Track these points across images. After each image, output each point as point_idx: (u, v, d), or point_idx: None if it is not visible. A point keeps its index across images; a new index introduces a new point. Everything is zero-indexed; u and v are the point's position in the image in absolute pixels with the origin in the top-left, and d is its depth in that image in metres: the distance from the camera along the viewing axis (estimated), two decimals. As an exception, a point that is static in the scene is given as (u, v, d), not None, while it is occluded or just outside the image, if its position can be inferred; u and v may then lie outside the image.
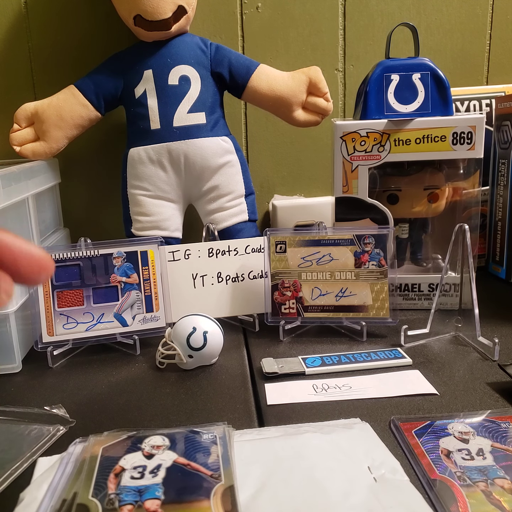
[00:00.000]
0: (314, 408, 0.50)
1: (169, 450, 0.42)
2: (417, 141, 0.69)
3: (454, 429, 0.44)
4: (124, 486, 0.38)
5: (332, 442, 0.43)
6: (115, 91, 0.80)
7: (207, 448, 0.42)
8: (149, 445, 0.42)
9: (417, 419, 0.46)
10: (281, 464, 0.40)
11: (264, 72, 0.80)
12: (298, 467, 0.40)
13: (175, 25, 0.76)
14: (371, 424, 0.46)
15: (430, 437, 0.43)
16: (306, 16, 0.91)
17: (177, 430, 0.45)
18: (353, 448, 0.42)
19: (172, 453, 0.41)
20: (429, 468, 0.39)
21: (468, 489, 0.37)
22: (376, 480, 0.38)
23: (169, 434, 0.44)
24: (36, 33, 0.88)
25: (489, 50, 0.95)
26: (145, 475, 0.39)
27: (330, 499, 0.36)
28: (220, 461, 0.40)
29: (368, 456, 0.41)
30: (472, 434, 0.43)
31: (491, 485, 0.37)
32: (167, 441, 0.43)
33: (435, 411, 0.48)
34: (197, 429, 0.44)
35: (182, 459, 0.41)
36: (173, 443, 0.43)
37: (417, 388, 0.53)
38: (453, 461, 0.40)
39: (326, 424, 0.46)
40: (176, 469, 0.39)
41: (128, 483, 0.38)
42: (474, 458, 0.40)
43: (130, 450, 0.42)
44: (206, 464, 0.40)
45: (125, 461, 0.41)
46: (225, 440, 0.43)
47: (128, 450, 0.42)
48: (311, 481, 0.38)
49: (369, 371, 0.57)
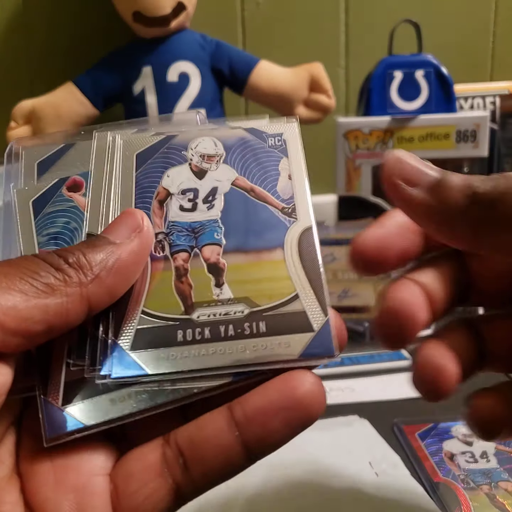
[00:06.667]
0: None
1: (224, 164, 0.27)
2: (421, 139, 0.69)
3: (458, 431, 0.44)
4: (173, 221, 0.25)
5: (333, 438, 0.43)
6: (114, 88, 0.79)
7: (275, 163, 0.27)
8: (198, 153, 0.27)
9: (420, 421, 0.46)
10: (283, 460, 0.40)
11: (265, 68, 0.79)
12: (300, 464, 0.40)
13: (174, 21, 0.76)
14: (374, 426, 0.46)
15: (433, 439, 0.43)
16: (308, 12, 0.91)
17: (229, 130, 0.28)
18: (354, 444, 0.42)
19: (230, 169, 0.27)
20: (432, 471, 0.39)
21: (472, 492, 0.37)
22: (378, 475, 0.38)
23: (222, 137, 0.28)
24: (33, 30, 0.88)
25: (493, 47, 0.94)
26: (198, 206, 0.26)
27: (333, 494, 0.36)
28: (292, 186, 0.27)
29: (369, 452, 0.41)
30: (476, 437, 0.43)
31: (495, 488, 0.37)
32: (220, 148, 0.28)
33: (438, 414, 0.48)
34: (260, 128, 0.29)
35: (243, 181, 0.27)
36: (229, 152, 0.28)
37: (420, 389, 0.52)
38: (457, 464, 0.40)
39: (325, 421, 0.46)
40: (237, 198, 0.26)
41: (178, 217, 0.26)
42: (477, 461, 0.40)
43: (172, 160, 0.28)
44: (275, 192, 0.27)
45: (170, 180, 0.27)
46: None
47: (171, 161, 0.27)
48: (314, 478, 0.38)
49: (372, 373, 0.56)
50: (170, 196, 0.26)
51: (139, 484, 0.21)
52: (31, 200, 0.25)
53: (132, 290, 0.23)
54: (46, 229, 0.25)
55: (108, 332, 0.22)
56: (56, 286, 0.20)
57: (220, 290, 0.23)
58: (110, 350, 0.22)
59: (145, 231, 0.23)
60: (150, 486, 0.21)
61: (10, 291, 0.19)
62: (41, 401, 0.22)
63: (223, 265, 0.24)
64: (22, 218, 0.25)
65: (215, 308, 0.23)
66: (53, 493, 0.21)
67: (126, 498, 0.21)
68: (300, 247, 0.24)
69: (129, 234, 0.22)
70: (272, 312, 0.23)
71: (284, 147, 0.27)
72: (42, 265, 0.20)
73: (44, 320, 0.20)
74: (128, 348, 0.22)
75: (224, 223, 0.25)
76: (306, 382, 0.21)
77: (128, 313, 0.23)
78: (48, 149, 0.27)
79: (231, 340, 0.22)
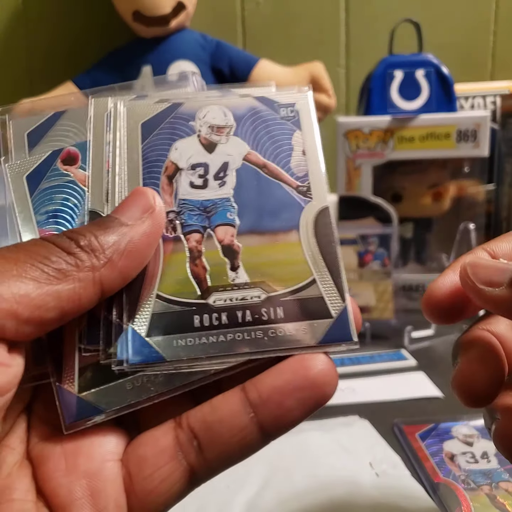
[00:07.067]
0: (317, 411, 0.49)
1: (235, 137, 0.25)
2: (421, 139, 0.68)
3: (458, 432, 0.44)
4: (184, 199, 0.24)
5: (333, 439, 0.43)
6: (113, 87, 0.79)
7: (288, 136, 0.25)
8: (206, 124, 0.25)
9: (420, 422, 0.46)
10: (283, 461, 0.40)
11: (265, 67, 0.80)
12: (300, 464, 0.40)
13: (174, 21, 0.76)
14: (375, 426, 0.45)
15: (433, 440, 0.43)
16: (308, 12, 0.91)
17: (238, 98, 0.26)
18: (354, 445, 0.42)
19: (241, 142, 0.25)
20: (432, 472, 0.39)
21: (472, 492, 0.37)
22: (378, 475, 0.38)
23: (231, 106, 0.26)
24: (33, 29, 0.88)
25: (494, 46, 0.94)
26: (209, 182, 0.24)
27: (334, 495, 0.36)
28: (306, 163, 0.25)
29: (369, 452, 0.41)
30: (476, 437, 0.43)
31: (495, 489, 0.37)
32: (230, 119, 0.25)
33: (439, 414, 0.48)
34: (271, 97, 0.27)
35: (256, 156, 0.25)
36: (239, 122, 0.25)
37: (421, 390, 0.52)
38: (457, 464, 0.40)
39: (325, 422, 0.46)
40: (249, 174, 0.25)
41: (189, 195, 0.24)
42: (478, 461, 0.40)
43: (180, 131, 0.25)
44: (289, 169, 0.25)
45: (178, 153, 0.25)
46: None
47: (178, 132, 0.25)
48: (314, 478, 0.38)
49: (372, 373, 0.56)
50: (179, 171, 0.24)
51: (153, 468, 0.21)
52: (24, 175, 0.24)
53: (145, 272, 0.22)
54: (44, 207, 0.23)
55: (123, 316, 0.21)
56: (68, 271, 0.19)
57: (235, 273, 0.23)
58: (125, 335, 0.21)
59: (157, 211, 0.22)
60: (164, 469, 0.21)
61: (21, 278, 0.19)
62: (56, 388, 0.21)
63: (237, 247, 0.23)
64: (17, 196, 0.24)
65: (231, 293, 0.22)
66: (65, 479, 0.21)
67: (140, 483, 0.21)
68: (317, 229, 0.23)
69: (141, 215, 0.21)
70: (289, 298, 0.22)
71: (297, 118, 0.25)
72: (52, 249, 0.20)
73: (57, 307, 0.19)
74: (144, 333, 0.21)
75: (237, 202, 0.24)
76: (319, 363, 0.21)
77: (142, 297, 0.22)
78: (38, 118, 0.25)
79: (249, 326, 0.22)
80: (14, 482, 0.21)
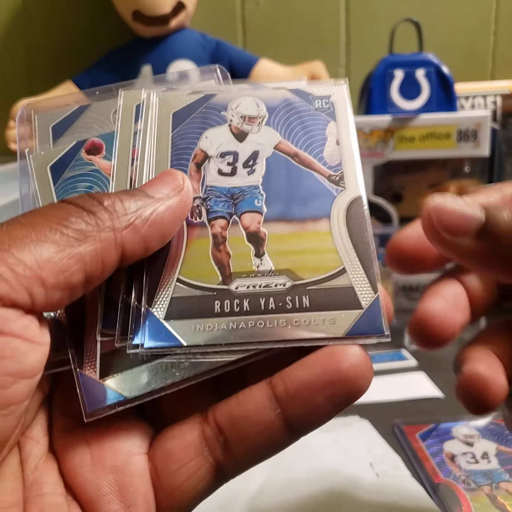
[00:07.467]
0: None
1: (267, 127, 0.25)
2: (421, 139, 0.68)
3: (459, 432, 0.44)
4: (211, 186, 0.24)
5: (333, 439, 0.43)
6: (113, 87, 0.79)
7: (322, 127, 0.25)
8: (238, 114, 0.25)
9: (421, 422, 0.46)
10: (284, 461, 0.40)
11: (265, 67, 0.79)
12: (301, 464, 0.40)
13: (174, 20, 0.76)
14: (375, 427, 0.45)
15: (434, 440, 0.43)
16: (308, 11, 0.90)
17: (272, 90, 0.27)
18: (354, 445, 0.42)
19: (272, 132, 0.25)
20: (432, 472, 0.39)
21: (473, 493, 0.37)
22: (378, 476, 0.38)
23: (265, 98, 0.26)
24: (33, 29, 0.88)
25: (494, 46, 0.94)
26: (237, 170, 0.24)
27: (334, 495, 0.36)
28: (340, 153, 0.25)
29: (369, 453, 0.41)
30: (477, 437, 0.43)
31: (495, 489, 0.37)
32: (263, 109, 0.26)
33: (439, 414, 0.48)
34: (305, 89, 0.27)
35: (287, 145, 0.25)
36: (272, 113, 0.26)
37: (422, 391, 0.52)
38: (458, 464, 0.40)
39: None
40: (280, 163, 0.25)
41: (217, 182, 0.24)
42: (478, 462, 0.40)
43: (211, 120, 0.25)
44: (321, 158, 0.25)
45: (208, 141, 0.25)
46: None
47: (209, 121, 0.25)
48: (314, 478, 0.38)
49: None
50: (208, 158, 0.24)
51: (180, 463, 0.20)
52: (48, 165, 0.24)
53: (167, 256, 0.22)
54: (67, 195, 0.23)
55: (142, 299, 0.21)
56: (89, 231, 0.18)
57: (260, 260, 0.22)
58: (143, 318, 0.21)
59: (185, 191, 0.21)
60: (190, 465, 0.20)
61: (41, 243, 0.18)
62: (77, 374, 0.20)
63: (263, 234, 0.23)
64: (40, 185, 0.23)
65: (254, 279, 0.21)
66: (92, 475, 0.20)
67: (166, 478, 0.20)
68: (348, 218, 0.23)
69: (169, 192, 0.21)
70: (316, 286, 0.21)
71: (332, 110, 0.25)
72: (72, 210, 0.19)
73: (81, 269, 0.18)
74: (162, 317, 0.21)
75: (265, 190, 0.24)
76: (352, 356, 0.19)
77: (163, 280, 0.21)
78: (62, 111, 0.25)
79: (272, 314, 0.21)
80: (42, 475, 0.20)
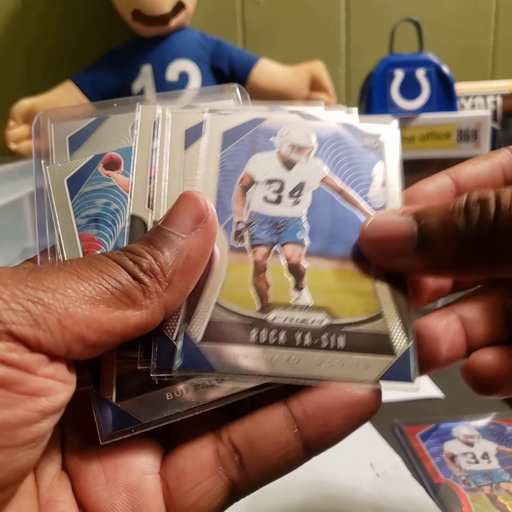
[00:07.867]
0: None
1: (315, 158, 0.25)
2: (422, 138, 0.68)
3: (459, 432, 0.44)
4: (255, 212, 0.24)
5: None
6: (113, 87, 0.79)
7: (369, 166, 0.25)
8: (288, 142, 0.25)
9: (421, 422, 0.45)
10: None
11: (265, 67, 0.79)
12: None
13: (174, 20, 0.76)
14: (375, 427, 0.45)
15: (434, 440, 0.43)
16: (308, 11, 0.90)
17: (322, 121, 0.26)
18: (354, 445, 0.42)
19: (320, 164, 0.25)
20: (433, 472, 0.39)
21: (473, 493, 0.37)
22: (379, 476, 0.38)
23: (315, 128, 0.26)
24: (32, 29, 0.88)
25: (494, 46, 0.94)
26: (283, 199, 0.24)
27: (334, 495, 0.36)
28: (385, 195, 0.24)
29: (370, 453, 0.41)
30: (477, 437, 0.43)
31: (496, 489, 0.37)
32: (312, 140, 0.25)
33: (439, 414, 0.48)
34: (356, 125, 0.27)
35: (334, 180, 0.25)
36: (321, 145, 0.25)
37: (422, 391, 0.52)
38: (458, 465, 0.40)
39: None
40: (325, 198, 0.24)
41: (261, 208, 0.24)
42: (479, 462, 0.40)
43: (259, 145, 0.25)
44: (366, 198, 0.24)
45: (256, 166, 0.25)
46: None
47: (258, 146, 0.25)
48: (314, 478, 0.38)
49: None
50: (254, 184, 0.24)
51: (193, 483, 0.20)
52: (65, 178, 0.23)
53: (206, 278, 0.21)
54: (84, 210, 0.23)
55: (177, 321, 0.21)
56: (137, 297, 0.19)
57: (299, 294, 0.22)
58: (177, 340, 0.20)
59: (210, 220, 0.21)
60: (204, 484, 0.20)
61: (91, 299, 0.18)
62: (93, 396, 0.20)
63: (304, 268, 0.23)
64: (57, 199, 0.23)
65: (292, 313, 0.21)
66: (106, 493, 0.20)
67: (179, 498, 0.20)
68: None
69: (194, 226, 0.20)
70: (352, 328, 0.21)
71: (381, 150, 0.25)
72: (120, 271, 0.19)
73: (123, 334, 0.19)
74: (199, 340, 0.21)
75: (309, 223, 0.24)
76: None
77: (201, 303, 0.21)
78: (80, 122, 0.24)
79: (307, 350, 0.21)
80: (57, 494, 0.20)
